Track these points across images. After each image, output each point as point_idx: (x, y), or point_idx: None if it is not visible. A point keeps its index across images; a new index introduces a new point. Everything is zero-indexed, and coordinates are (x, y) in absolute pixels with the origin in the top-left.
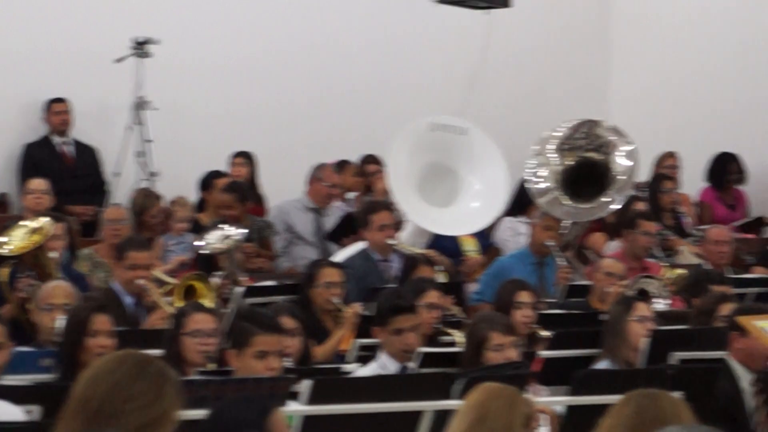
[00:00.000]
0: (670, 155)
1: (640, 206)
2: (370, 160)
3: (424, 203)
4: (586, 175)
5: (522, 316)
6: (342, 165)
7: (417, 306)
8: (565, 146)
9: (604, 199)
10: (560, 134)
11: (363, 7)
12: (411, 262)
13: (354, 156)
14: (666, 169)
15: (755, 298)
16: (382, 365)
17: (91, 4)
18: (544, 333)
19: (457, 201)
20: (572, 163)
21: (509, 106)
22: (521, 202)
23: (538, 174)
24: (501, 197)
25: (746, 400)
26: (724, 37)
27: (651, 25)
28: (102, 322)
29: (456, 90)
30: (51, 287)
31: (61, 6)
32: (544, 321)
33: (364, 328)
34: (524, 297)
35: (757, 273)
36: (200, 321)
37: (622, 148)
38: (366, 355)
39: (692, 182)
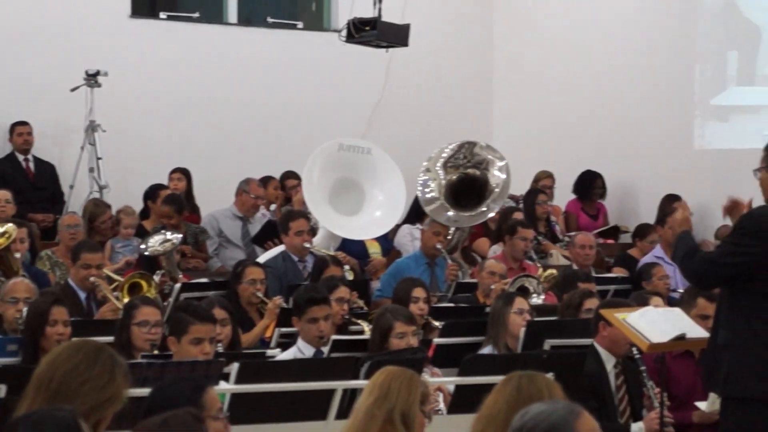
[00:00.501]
0: (546, 174)
1: (519, 216)
2: (289, 175)
3: (334, 212)
4: (467, 187)
5: (417, 309)
6: (265, 180)
7: (329, 299)
8: (449, 164)
9: (482, 208)
10: (445, 154)
11: (283, 46)
12: (322, 262)
13: (276, 172)
14: (542, 185)
15: (614, 294)
16: (300, 350)
17: (50, 40)
18: (436, 323)
19: (363, 210)
20: (455, 177)
21: (406, 130)
22: (417, 212)
23: (427, 187)
24: (400, 207)
25: (611, 380)
26: (589, 78)
27: (528, 64)
28: (60, 313)
29: (361, 116)
30: (15, 283)
31: (24, 42)
32: (437, 313)
33: (284, 318)
34: (419, 293)
35: (616, 273)
36: (147, 313)
37: (496, 165)
38: (286, 342)
39: (562, 196)
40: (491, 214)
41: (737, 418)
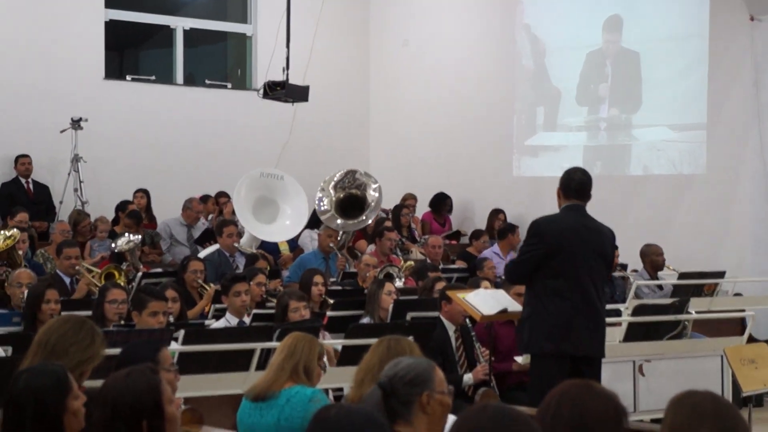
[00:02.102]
0: (411, 195)
1: (387, 223)
2: (222, 195)
3: (255, 221)
4: (351, 203)
5: (317, 290)
6: (204, 198)
7: (246, 278)
8: (338, 185)
9: (361, 218)
10: (335, 179)
11: (217, 100)
12: (254, 257)
13: (212, 191)
14: (408, 203)
15: (456, 280)
16: (227, 321)
17: (45, 94)
18: (330, 301)
19: (277, 220)
20: (342, 195)
21: (308, 161)
22: (315, 220)
23: (322, 202)
24: (303, 217)
25: (452, 343)
26: (440, 125)
27: (397, 112)
28: (52, 294)
29: (275, 152)
30: (19, 272)
31: (26, 92)
32: (330, 294)
33: (217, 298)
34: (318, 279)
35: (458, 265)
36: (116, 294)
37: (372, 186)
38: (219, 315)
39: (420, 209)
40: (368, 222)
41: (538, 369)
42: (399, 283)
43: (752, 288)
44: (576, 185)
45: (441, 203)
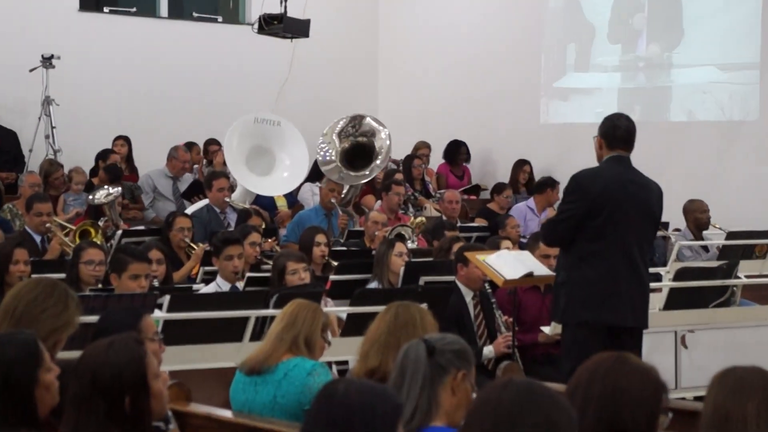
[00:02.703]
0: (424, 144)
1: (398, 176)
2: (211, 142)
3: (250, 173)
4: (357, 152)
5: (319, 251)
6: (189, 145)
7: (241, 240)
8: (342, 133)
9: (369, 169)
10: (339, 125)
11: (206, 36)
12: (246, 213)
13: (200, 139)
14: (421, 153)
15: (475, 240)
16: (218, 285)
17: (11, 29)
18: (334, 263)
19: (273, 172)
20: (347, 144)
21: (308, 106)
22: (317, 172)
23: (325, 152)
24: (303, 169)
25: (470, 310)
26: (458, 65)
27: (408, 51)
28: (21, 254)
29: (271, 95)
30: None
31: None
32: (333, 255)
33: (207, 259)
34: (321, 238)
35: (477, 223)
36: (93, 254)
37: (381, 134)
38: (208, 279)
39: (435, 160)
40: (374, 175)
41: (572, 340)
42: (410, 244)
43: None
44: (622, 133)
45: (455, 152)
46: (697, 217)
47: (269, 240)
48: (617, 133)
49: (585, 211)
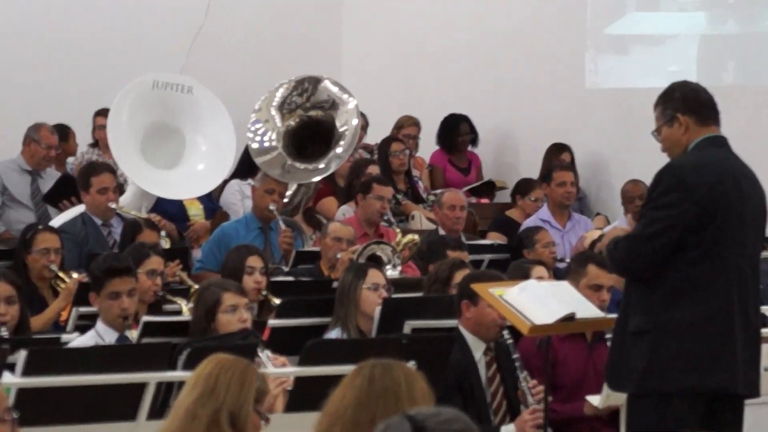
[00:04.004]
0: (411, 120)
1: (374, 170)
2: (103, 113)
3: (147, 165)
4: (310, 133)
5: (253, 281)
6: (62, 131)
7: (134, 269)
8: (285, 106)
9: (328, 159)
10: (281, 92)
11: None
12: (133, 226)
13: (74, 118)
14: (406, 133)
15: (489, 264)
16: (99, 335)
17: None
18: (275, 300)
19: (182, 162)
20: (294, 122)
21: (236, 63)
22: (249, 164)
23: (260, 134)
24: (228, 159)
25: (480, 371)
26: (459, 3)
27: None
28: None
29: (180, 45)
30: None
31: None
32: (274, 288)
33: (83, 296)
34: (254, 261)
35: (491, 239)
36: None
37: (346, 106)
38: (86, 325)
39: (430, 146)
40: (334, 168)
41: (660, 413)
42: (393, 272)
43: None
44: (709, 99)
45: (454, 132)
46: None
47: (173, 263)
48: (702, 100)
49: (690, 220)
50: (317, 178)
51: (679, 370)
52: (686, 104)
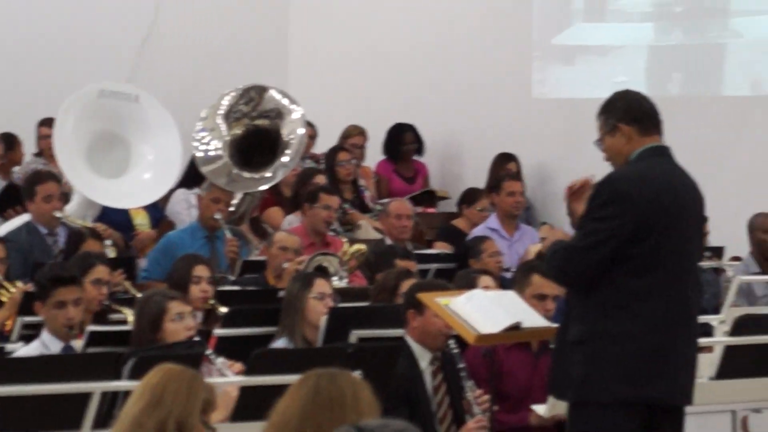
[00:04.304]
0: (358, 130)
1: (320, 178)
2: (47, 122)
3: (92, 174)
4: (256, 143)
5: (200, 291)
6: (7, 139)
7: (79, 278)
8: (231, 114)
9: (274, 168)
10: (227, 101)
11: None
12: (78, 235)
13: (21, 128)
14: (352, 143)
15: (436, 274)
16: (44, 344)
17: None
18: (222, 309)
19: (128, 172)
20: (240, 131)
21: (183, 72)
22: (195, 173)
23: (206, 143)
24: (174, 168)
25: (426, 381)
26: (401, 11)
27: None
28: None
29: (126, 55)
30: None
31: None
32: (221, 297)
33: (27, 305)
34: (201, 271)
35: (438, 248)
36: None
37: (292, 115)
38: (30, 335)
39: (374, 154)
40: (281, 177)
41: (598, 423)
42: (339, 282)
43: None
44: (651, 109)
45: (400, 141)
46: (761, 239)
47: (117, 272)
48: (645, 110)
49: (628, 233)
50: (264, 187)
51: (615, 380)
52: (628, 114)
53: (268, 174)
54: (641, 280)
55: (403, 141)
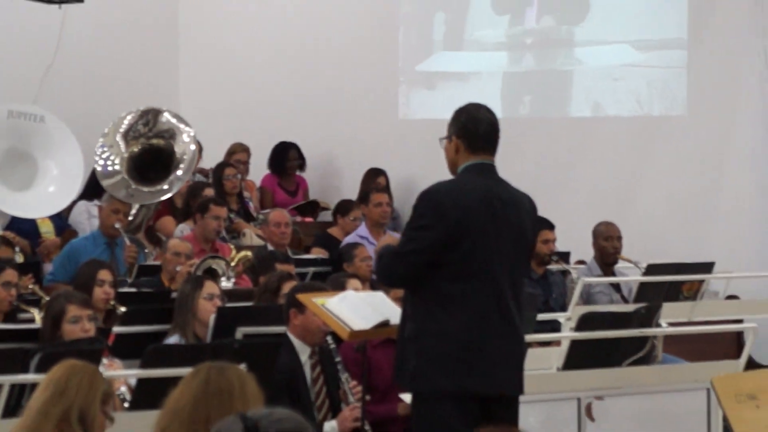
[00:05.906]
0: (242, 147)
1: (210, 192)
2: None
3: (2, 187)
4: (152, 160)
5: (103, 293)
6: None
7: None
8: (130, 134)
9: (168, 182)
10: (126, 122)
11: None
12: None
13: None
14: (237, 159)
15: (313, 276)
16: None
17: None
18: (121, 308)
19: (35, 185)
20: (137, 149)
21: (84, 95)
22: (95, 187)
23: (105, 158)
24: (76, 182)
25: (306, 373)
26: (284, 40)
27: (216, 25)
28: None
29: (32, 79)
30: None
31: None
32: (119, 299)
33: None
34: (104, 275)
35: (314, 254)
36: None
37: (184, 135)
38: None
39: (259, 170)
40: (174, 190)
41: (427, 414)
42: (225, 283)
43: (754, 287)
44: (486, 129)
45: (283, 158)
46: (602, 245)
47: (26, 276)
48: (480, 129)
49: (442, 241)
50: (162, 198)
51: (439, 373)
52: (462, 130)
53: (165, 186)
54: (457, 283)
55: (287, 158)
